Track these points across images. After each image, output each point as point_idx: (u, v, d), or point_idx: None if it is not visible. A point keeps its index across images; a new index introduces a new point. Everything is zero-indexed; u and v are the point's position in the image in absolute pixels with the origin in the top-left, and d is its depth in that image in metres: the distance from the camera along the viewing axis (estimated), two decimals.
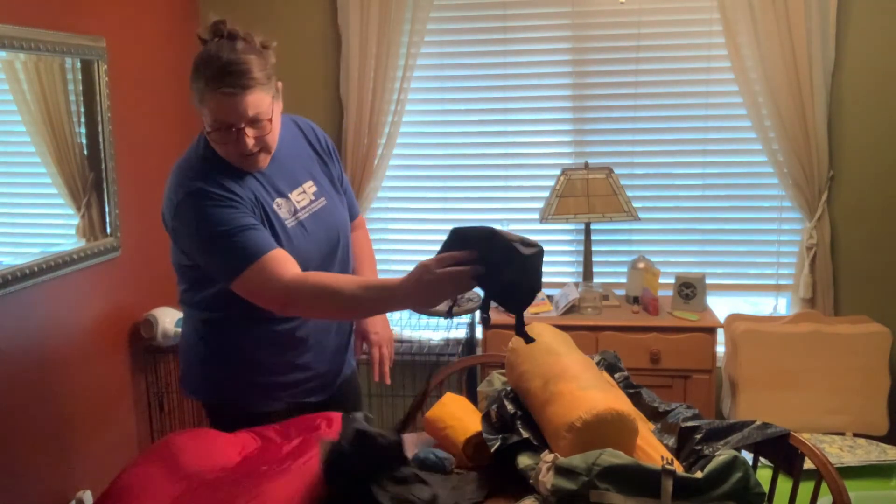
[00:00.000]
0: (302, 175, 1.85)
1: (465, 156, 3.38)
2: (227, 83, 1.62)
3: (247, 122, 1.65)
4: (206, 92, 1.65)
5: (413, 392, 3.34)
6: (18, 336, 2.35)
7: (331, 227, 1.86)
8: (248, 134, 1.66)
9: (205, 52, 1.70)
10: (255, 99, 1.64)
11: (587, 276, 3.19)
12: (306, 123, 1.95)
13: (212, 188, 1.69)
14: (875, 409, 2.90)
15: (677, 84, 3.20)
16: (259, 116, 1.66)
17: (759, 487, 1.44)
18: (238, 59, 1.65)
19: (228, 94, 1.62)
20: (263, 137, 1.69)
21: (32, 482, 2.41)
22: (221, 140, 1.68)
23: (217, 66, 1.64)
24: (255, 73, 1.65)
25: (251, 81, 1.64)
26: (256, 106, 1.65)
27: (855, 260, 3.15)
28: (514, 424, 1.66)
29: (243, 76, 1.63)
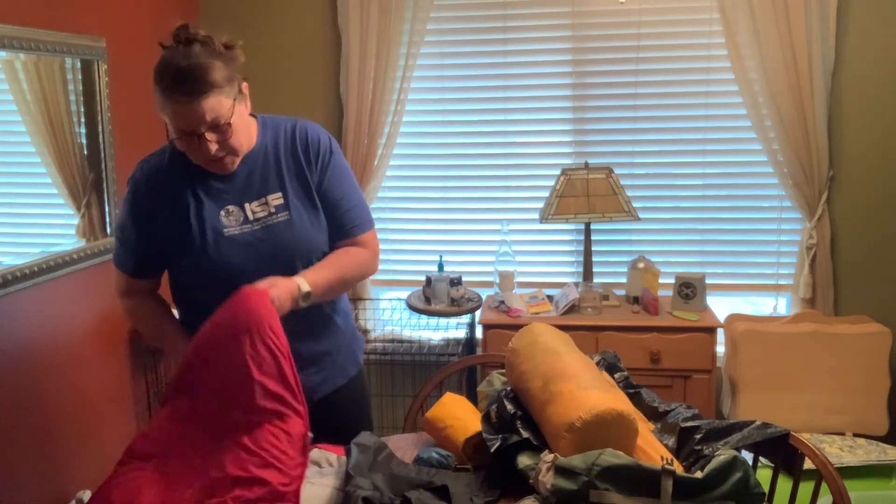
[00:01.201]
0: (271, 186, 1.80)
1: (465, 156, 3.38)
2: (182, 90, 1.61)
3: (207, 128, 1.64)
4: (164, 100, 1.65)
5: (413, 392, 3.34)
6: (18, 336, 2.34)
7: (283, 241, 1.79)
8: (210, 139, 1.65)
9: (161, 59, 1.69)
10: (211, 104, 1.62)
11: (587, 276, 3.19)
12: (303, 131, 1.86)
13: (139, 184, 1.82)
14: (875, 409, 2.90)
15: (677, 84, 3.20)
16: (218, 121, 1.64)
17: (759, 487, 1.44)
18: (192, 64, 1.62)
19: (184, 102, 1.61)
20: (227, 141, 1.68)
21: (32, 482, 2.41)
22: (186, 147, 1.69)
23: (171, 74, 1.63)
24: (211, 77, 1.62)
25: (206, 87, 1.61)
26: (214, 111, 1.63)
27: (855, 260, 3.15)
28: (514, 424, 1.66)
29: (197, 82, 1.61)
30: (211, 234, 1.74)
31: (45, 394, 2.47)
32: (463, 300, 3.10)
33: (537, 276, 3.40)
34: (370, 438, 1.71)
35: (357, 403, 2.11)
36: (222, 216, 1.76)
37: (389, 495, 1.54)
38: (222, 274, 1.73)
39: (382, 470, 1.64)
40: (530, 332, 1.82)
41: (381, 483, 1.57)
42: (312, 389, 1.94)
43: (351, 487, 1.54)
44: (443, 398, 1.91)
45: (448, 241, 3.45)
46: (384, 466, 1.66)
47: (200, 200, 1.76)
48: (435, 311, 3.07)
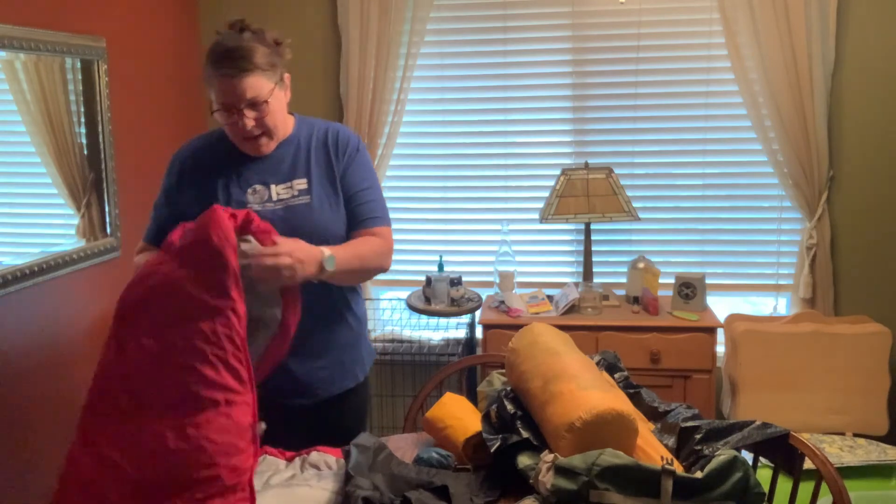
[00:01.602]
0: (298, 173, 1.92)
1: (465, 156, 3.38)
2: (227, 66, 1.77)
3: (246, 104, 1.79)
4: (211, 74, 1.80)
5: (413, 392, 3.34)
6: (18, 336, 2.34)
7: (302, 222, 1.87)
8: (248, 115, 1.80)
9: (215, 41, 1.84)
10: (253, 82, 1.78)
11: (587, 276, 3.19)
12: (335, 130, 1.99)
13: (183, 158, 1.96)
14: (875, 409, 2.90)
15: (677, 84, 3.20)
16: (257, 99, 1.79)
17: (759, 487, 1.44)
18: (240, 45, 1.79)
19: (228, 76, 1.77)
20: (263, 119, 1.82)
21: (32, 482, 2.41)
22: (224, 119, 1.83)
23: (220, 51, 1.79)
24: (255, 58, 1.78)
25: (250, 65, 1.77)
26: (255, 88, 1.78)
27: (855, 260, 3.15)
28: (514, 424, 1.66)
29: (242, 59, 1.77)
30: (234, 207, 1.80)
31: (45, 394, 2.47)
32: (463, 300, 3.10)
33: (537, 276, 3.40)
34: (370, 439, 1.71)
35: (358, 410, 2.14)
36: (248, 193, 1.89)
37: (389, 495, 1.54)
38: None
39: (382, 470, 1.64)
40: (530, 332, 1.82)
41: (381, 483, 1.58)
42: (317, 386, 1.98)
43: (351, 487, 1.54)
44: (443, 398, 1.91)
45: (448, 241, 3.45)
46: (384, 467, 1.66)
47: (231, 179, 1.90)
48: (435, 311, 3.07)
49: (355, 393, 2.09)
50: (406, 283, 3.47)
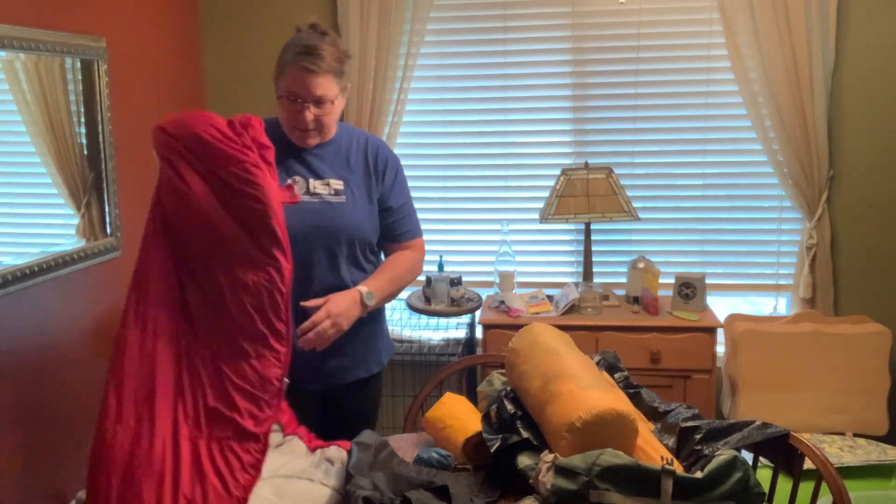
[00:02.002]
0: (336, 174, 2.06)
1: (465, 156, 3.38)
2: (308, 61, 1.92)
3: (312, 100, 1.94)
4: (289, 64, 1.94)
5: (413, 392, 3.34)
6: (18, 336, 2.34)
7: (334, 218, 2.01)
8: (311, 110, 1.95)
9: (297, 35, 2.01)
10: (324, 82, 1.94)
11: (587, 276, 3.19)
12: (375, 143, 2.15)
13: None
14: (875, 409, 2.90)
15: (677, 84, 3.20)
16: (323, 98, 1.95)
17: (759, 487, 1.44)
18: (322, 46, 1.95)
19: (305, 70, 1.92)
20: (322, 118, 1.97)
21: (32, 482, 2.41)
22: (287, 108, 1.97)
23: (304, 46, 1.94)
24: (332, 63, 1.95)
25: (327, 66, 1.94)
26: (325, 88, 1.94)
27: (855, 260, 3.15)
28: (514, 424, 1.66)
29: (322, 60, 1.93)
30: None
31: (45, 394, 2.46)
32: (463, 300, 3.10)
33: (537, 276, 3.40)
34: (372, 437, 1.71)
35: (370, 401, 2.22)
36: (288, 182, 2.00)
37: (390, 495, 1.54)
38: None
39: (383, 468, 1.64)
40: (530, 332, 1.82)
41: (381, 482, 1.57)
42: (330, 374, 2.06)
43: (351, 487, 1.54)
44: (443, 398, 1.92)
45: (448, 241, 3.45)
46: (385, 465, 1.66)
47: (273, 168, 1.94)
48: (435, 311, 3.07)
49: (368, 384, 2.17)
50: None
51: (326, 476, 1.67)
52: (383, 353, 2.22)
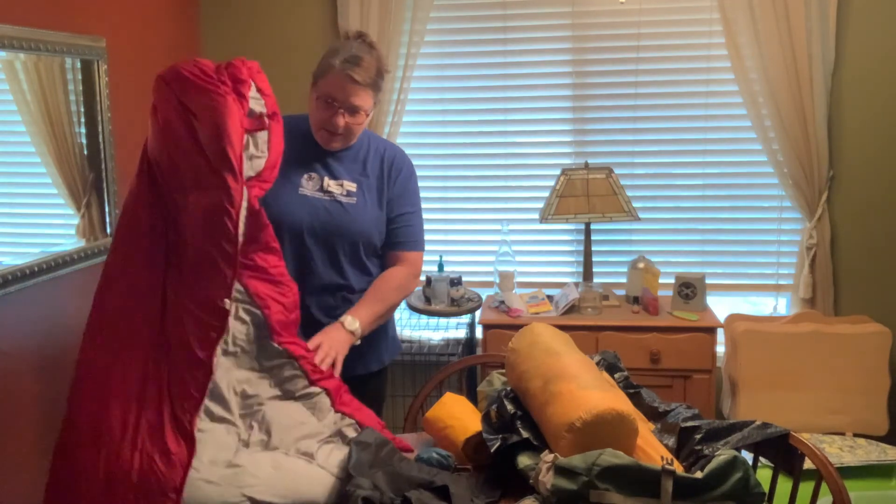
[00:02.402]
0: (350, 177, 2.11)
1: (465, 156, 3.38)
2: (354, 70, 1.97)
3: (347, 108, 1.99)
4: (334, 68, 1.98)
5: (413, 392, 3.34)
6: (18, 336, 2.34)
7: (343, 217, 2.07)
8: (344, 116, 2.00)
9: (347, 42, 2.06)
10: (363, 94, 2.00)
11: (587, 276, 3.19)
12: (393, 151, 2.19)
13: None
14: (875, 409, 2.90)
15: (677, 84, 3.20)
16: (358, 108, 2.01)
17: (759, 487, 1.44)
18: (370, 60, 2.01)
19: (349, 79, 1.97)
20: (352, 126, 2.03)
21: (32, 482, 2.41)
22: (321, 109, 2.01)
23: (352, 55, 1.99)
24: (373, 76, 2.01)
25: (368, 80, 1.99)
26: (362, 100, 2.01)
27: (855, 260, 3.15)
28: (514, 424, 1.66)
29: (366, 73, 1.99)
30: (287, 186, 2.03)
31: (45, 394, 2.46)
32: (463, 300, 3.10)
33: (537, 276, 3.40)
34: (372, 435, 1.71)
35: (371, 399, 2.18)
36: (304, 177, 2.07)
37: (390, 495, 1.54)
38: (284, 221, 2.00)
39: (384, 467, 1.64)
40: (530, 332, 1.82)
41: (381, 481, 1.57)
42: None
43: (351, 487, 1.54)
44: (443, 398, 1.92)
45: (448, 241, 3.45)
46: (386, 462, 1.65)
47: (293, 160, 2.03)
48: (435, 311, 3.07)
49: (367, 382, 2.17)
50: None
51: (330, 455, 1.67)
52: (385, 352, 2.23)
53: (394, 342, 2.29)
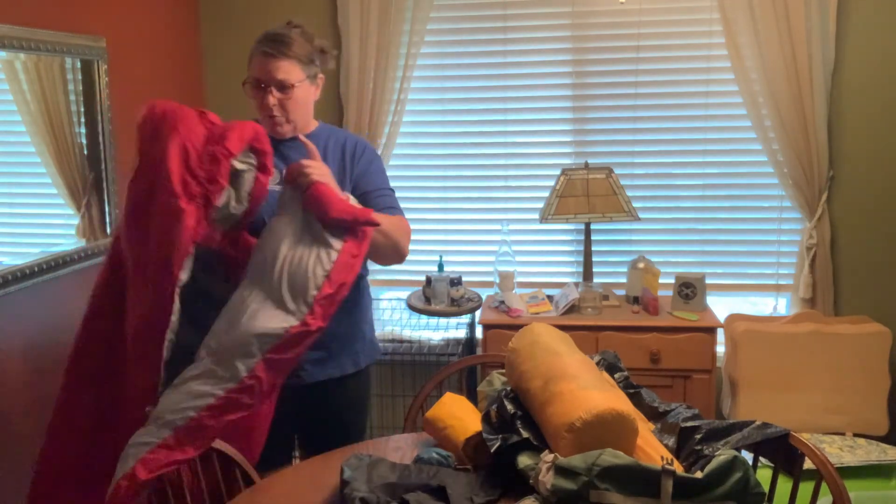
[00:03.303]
0: None
1: (465, 156, 3.38)
2: (268, 46, 1.96)
3: (274, 85, 1.96)
4: (253, 53, 2.00)
5: (413, 392, 3.34)
6: (18, 336, 2.34)
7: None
8: (273, 94, 1.97)
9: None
10: (286, 66, 1.96)
11: (587, 276, 3.19)
12: (354, 139, 2.15)
13: None
14: (875, 409, 2.90)
15: (677, 84, 3.20)
16: (285, 82, 1.96)
17: (759, 487, 1.44)
18: (285, 34, 1.99)
19: (266, 55, 1.96)
20: (286, 103, 1.99)
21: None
22: (251, 94, 2.00)
23: (266, 35, 2.00)
24: (294, 48, 1.97)
25: (287, 51, 1.96)
26: (286, 72, 1.96)
27: (855, 260, 3.15)
28: (514, 424, 1.66)
29: (282, 45, 1.96)
30: None
31: (45, 394, 2.46)
32: (463, 300, 3.10)
33: (537, 276, 3.40)
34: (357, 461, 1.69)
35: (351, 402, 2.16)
36: None
37: (386, 498, 1.54)
38: None
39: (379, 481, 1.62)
40: (530, 332, 1.82)
41: (378, 491, 1.57)
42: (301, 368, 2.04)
43: (348, 490, 1.54)
44: (443, 398, 1.91)
45: (448, 241, 3.45)
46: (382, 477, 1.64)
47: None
48: (435, 311, 3.07)
49: (345, 383, 2.13)
50: (406, 283, 3.47)
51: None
52: (361, 354, 2.17)
53: (372, 345, 2.23)
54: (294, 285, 1.74)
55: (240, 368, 1.68)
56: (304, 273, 1.74)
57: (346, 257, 1.78)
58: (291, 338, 1.71)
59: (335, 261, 1.76)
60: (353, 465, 1.65)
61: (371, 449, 1.92)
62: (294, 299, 1.72)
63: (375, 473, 1.65)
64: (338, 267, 1.76)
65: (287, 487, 1.76)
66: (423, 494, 1.56)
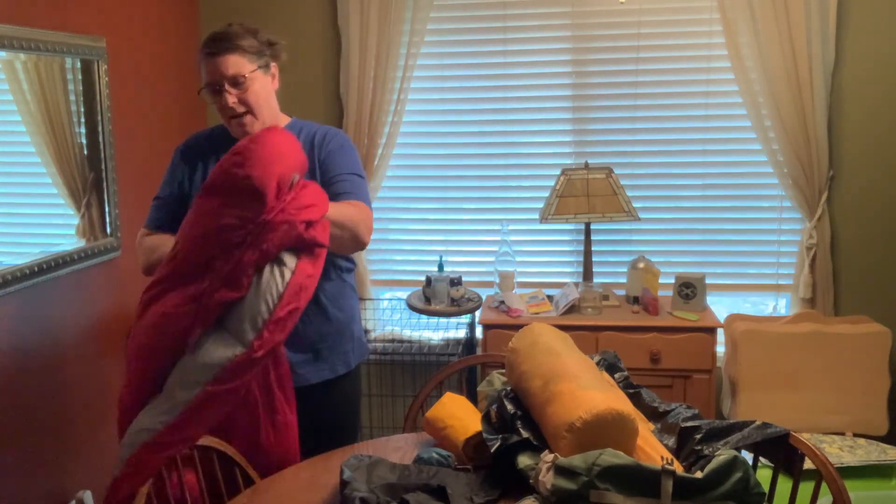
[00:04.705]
0: None
1: (465, 156, 3.38)
2: (212, 46, 1.92)
3: (228, 82, 1.91)
4: (201, 57, 1.94)
5: (413, 392, 3.34)
6: (19, 336, 2.35)
7: None
8: (230, 91, 1.91)
9: None
10: (235, 60, 1.91)
11: (587, 276, 3.19)
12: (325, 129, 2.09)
13: (182, 149, 2.09)
14: (875, 409, 2.90)
15: (677, 84, 3.20)
16: (237, 78, 1.91)
17: (759, 487, 1.44)
18: (228, 31, 1.94)
19: (212, 55, 1.91)
20: (244, 97, 1.93)
21: (33, 482, 2.41)
22: (210, 99, 1.95)
23: (209, 36, 1.95)
24: (239, 41, 1.92)
25: (231, 46, 1.91)
26: (236, 66, 1.91)
27: (855, 260, 3.15)
28: (514, 424, 1.66)
29: (224, 41, 1.91)
30: None
31: (45, 394, 2.47)
32: (463, 300, 3.10)
33: (537, 276, 3.40)
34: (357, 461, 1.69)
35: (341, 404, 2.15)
36: None
37: (386, 498, 1.54)
38: None
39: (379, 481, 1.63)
40: (530, 332, 1.82)
41: (378, 491, 1.57)
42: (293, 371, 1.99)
43: (348, 490, 1.54)
44: (443, 398, 1.91)
45: (448, 241, 3.45)
46: (381, 478, 1.65)
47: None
48: (435, 311, 3.07)
49: (335, 386, 2.12)
50: (406, 283, 3.47)
51: None
52: (351, 353, 2.15)
53: (360, 343, 2.20)
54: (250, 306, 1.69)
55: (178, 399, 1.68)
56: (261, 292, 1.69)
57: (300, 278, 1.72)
58: (235, 367, 1.67)
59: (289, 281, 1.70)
60: (352, 466, 1.65)
61: (371, 449, 1.92)
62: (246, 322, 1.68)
63: (375, 474, 1.65)
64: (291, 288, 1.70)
65: (287, 487, 1.76)
66: (423, 494, 1.56)
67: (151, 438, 1.67)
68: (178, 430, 1.68)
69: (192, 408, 1.67)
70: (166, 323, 1.69)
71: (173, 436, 1.68)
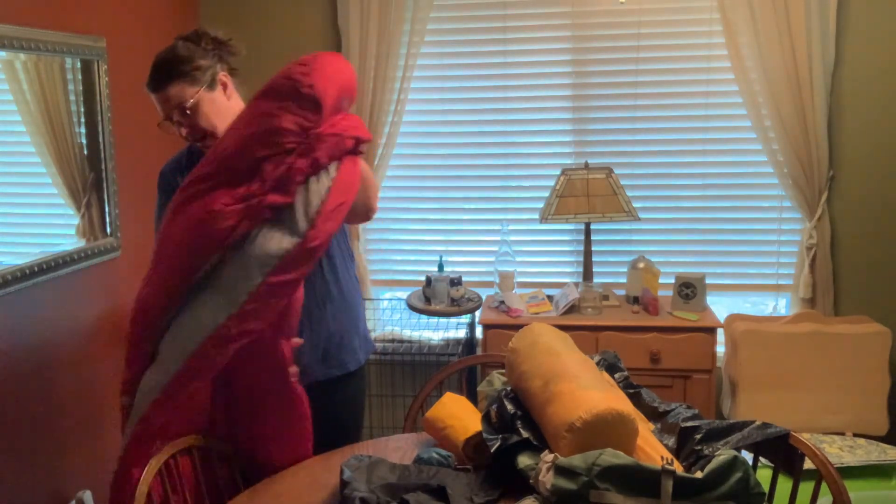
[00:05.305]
0: None
1: (465, 156, 3.38)
2: (151, 83, 1.90)
3: (176, 111, 1.88)
4: (149, 93, 1.92)
5: (413, 392, 3.34)
6: (18, 336, 2.35)
7: None
8: (181, 121, 1.89)
9: None
10: (175, 91, 1.87)
11: (587, 276, 3.19)
12: None
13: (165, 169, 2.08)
14: (875, 409, 2.90)
15: (677, 84, 3.20)
16: (182, 107, 1.87)
17: (759, 487, 1.44)
18: (166, 58, 1.90)
19: (154, 91, 1.90)
20: (195, 123, 1.89)
21: (32, 482, 2.41)
22: (166, 130, 1.94)
23: (152, 65, 1.91)
24: (179, 68, 1.87)
25: (170, 75, 1.87)
26: (178, 97, 1.87)
27: (855, 260, 3.15)
28: (514, 424, 1.66)
29: (159, 72, 1.88)
30: None
31: (45, 394, 2.47)
32: (463, 300, 3.10)
33: (537, 276, 3.40)
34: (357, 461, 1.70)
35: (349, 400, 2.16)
36: None
37: (387, 499, 1.54)
38: None
39: (379, 482, 1.63)
40: (530, 332, 1.82)
41: (378, 492, 1.57)
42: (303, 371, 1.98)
43: (348, 490, 1.54)
44: (443, 398, 1.91)
45: (448, 241, 3.45)
46: (381, 478, 1.65)
47: None
48: (435, 311, 3.07)
49: (343, 382, 2.12)
50: (406, 283, 3.47)
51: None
52: (360, 350, 2.16)
53: (366, 339, 2.21)
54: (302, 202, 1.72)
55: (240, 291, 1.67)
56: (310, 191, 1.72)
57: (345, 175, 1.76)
58: (292, 258, 1.69)
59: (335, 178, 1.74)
60: (352, 466, 1.65)
61: (371, 449, 1.92)
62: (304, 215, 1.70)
63: (375, 474, 1.65)
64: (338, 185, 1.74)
65: (287, 487, 1.76)
66: (423, 495, 1.56)
67: (217, 332, 1.67)
68: (242, 320, 1.68)
69: (255, 297, 1.66)
70: (212, 220, 1.68)
71: (238, 327, 1.68)
